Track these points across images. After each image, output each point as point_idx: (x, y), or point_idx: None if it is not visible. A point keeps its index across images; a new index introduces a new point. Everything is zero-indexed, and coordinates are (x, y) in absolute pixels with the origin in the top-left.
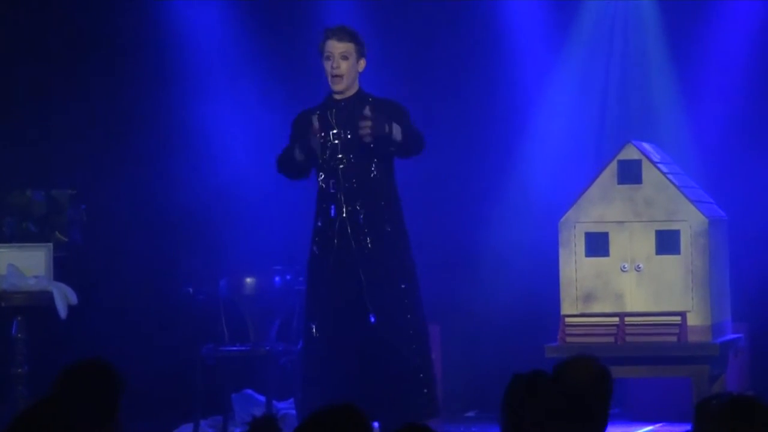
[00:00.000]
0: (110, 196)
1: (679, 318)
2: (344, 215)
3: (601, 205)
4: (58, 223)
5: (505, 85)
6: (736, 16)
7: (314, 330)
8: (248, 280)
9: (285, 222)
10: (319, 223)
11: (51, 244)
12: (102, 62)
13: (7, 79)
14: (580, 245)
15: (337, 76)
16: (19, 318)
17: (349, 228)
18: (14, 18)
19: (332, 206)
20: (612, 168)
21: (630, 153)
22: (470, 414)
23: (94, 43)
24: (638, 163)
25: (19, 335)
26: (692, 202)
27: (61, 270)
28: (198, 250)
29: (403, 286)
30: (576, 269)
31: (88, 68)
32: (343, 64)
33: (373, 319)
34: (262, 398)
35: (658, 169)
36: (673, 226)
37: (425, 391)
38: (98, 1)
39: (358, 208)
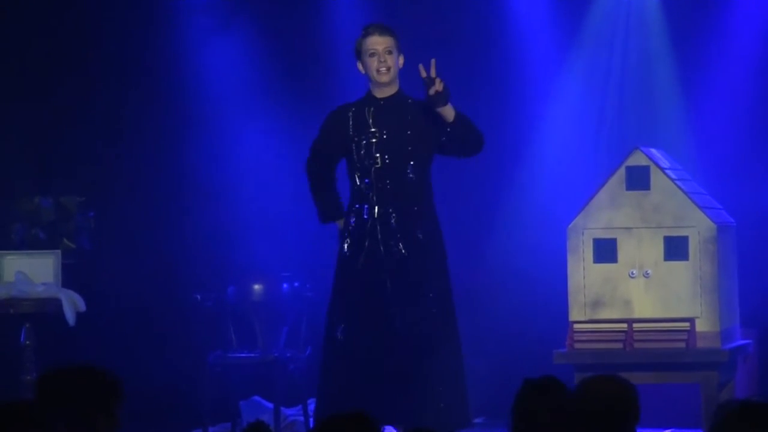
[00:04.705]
0: (118, 202)
1: (687, 324)
2: (376, 217)
3: (609, 211)
4: (66, 230)
5: (511, 88)
6: (742, 18)
7: (339, 333)
8: (256, 286)
9: (293, 229)
10: (352, 224)
11: (59, 251)
12: (112, 70)
13: (17, 85)
14: (588, 251)
15: (384, 68)
16: (28, 325)
17: (379, 232)
18: (26, 27)
19: (365, 207)
20: (620, 174)
21: (638, 159)
22: (478, 420)
23: (104, 52)
24: (646, 169)
25: (28, 342)
26: (701, 208)
27: (69, 277)
28: (206, 257)
29: (431, 295)
30: (584, 275)
31: (99, 76)
32: (389, 59)
33: (397, 327)
34: (270, 405)
35: (667, 175)
36: (682, 233)
37: (441, 404)
38: (111, 14)
39: (390, 211)
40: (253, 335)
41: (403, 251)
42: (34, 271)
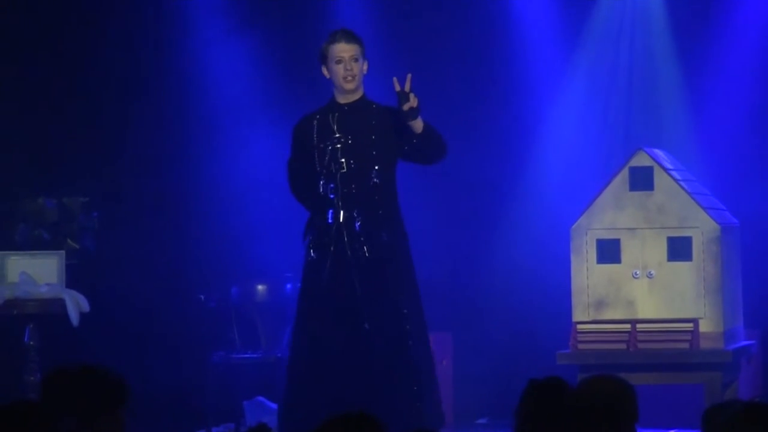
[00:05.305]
0: (122, 203)
1: (691, 325)
2: (341, 221)
3: (612, 211)
4: (70, 231)
5: (516, 89)
6: (746, 18)
7: (317, 335)
8: (260, 287)
9: (296, 229)
10: (317, 229)
11: (63, 252)
12: (116, 69)
13: (21, 85)
14: (592, 252)
15: (350, 76)
16: (32, 325)
17: (345, 235)
18: (30, 27)
19: (330, 211)
20: (624, 175)
21: (641, 160)
22: (482, 421)
23: (110, 52)
24: (650, 169)
25: (32, 342)
26: (704, 208)
27: (73, 277)
28: (209, 258)
29: (401, 296)
30: (587, 276)
31: (104, 77)
32: (355, 66)
33: (367, 329)
34: (274, 405)
35: (670, 175)
36: (685, 233)
37: (418, 404)
38: (117, 14)
39: (355, 215)
40: (256, 335)
41: (367, 254)
42: (37, 272)
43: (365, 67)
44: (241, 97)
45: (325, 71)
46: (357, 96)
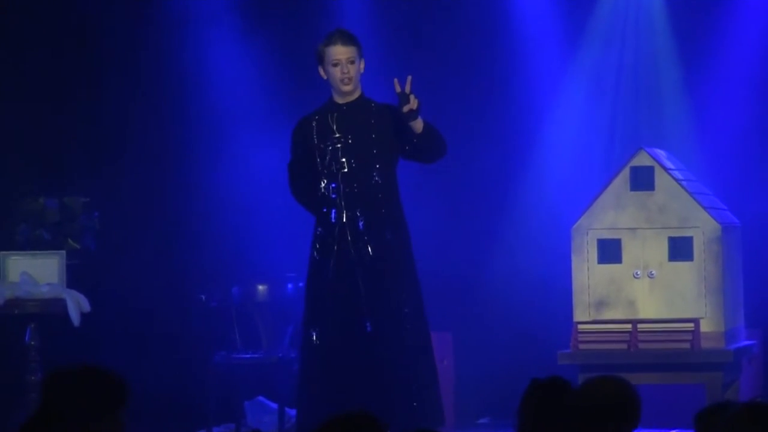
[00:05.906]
0: (123, 203)
1: (692, 325)
2: (344, 221)
3: (613, 211)
4: (71, 231)
5: (516, 89)
6: (747, 20)
7: (314, 337)
8: (261, 287)
9: (297, 229)
10: (320, 229)
11: (64, 252)
12: (118, 69)
13: (21, 85)
14: (593, 252)
15: (347, 79)
16: (33, 325)
17: (349, 234)
18: (32, 27)
19: (333, 211)
20: (624, 174)
21: (642, 159)
22: (483, 420)
23: (110, 53)
24: (651, 169)
25: (33, 342)
26: (705, 208)
27: (74, 277)
28: (211, 258)
29: (403, 295)
30: (588, 276)
31: (104, 75)
32: (351, 68)
33: (369, 328)
34: (275, 405)
35: (671, 175)
36: (686, 233)
37: (414, 404)
38: (118, 15)
39: (358, 214)
40: (257, 336)
41: (371, 252)
42: (38, 272)
43: (362, 66)
44: (243, 97)
45: (321, 72)
46: (355, 96)
